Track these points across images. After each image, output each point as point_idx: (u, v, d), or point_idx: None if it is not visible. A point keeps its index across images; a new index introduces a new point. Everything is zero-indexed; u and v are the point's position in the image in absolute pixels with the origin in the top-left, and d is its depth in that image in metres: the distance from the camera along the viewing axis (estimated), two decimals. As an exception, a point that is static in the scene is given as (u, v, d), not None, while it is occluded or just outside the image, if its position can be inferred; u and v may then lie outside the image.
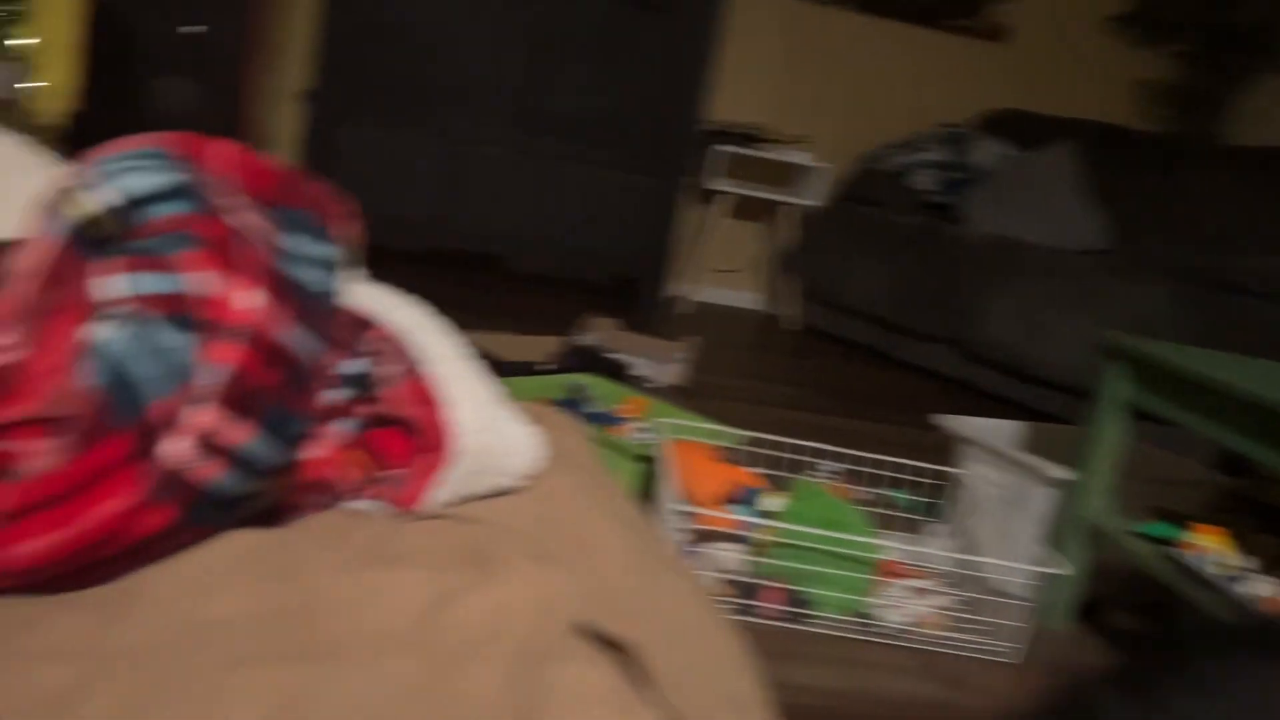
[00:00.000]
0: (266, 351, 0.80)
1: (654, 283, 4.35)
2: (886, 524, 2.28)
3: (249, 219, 0.85)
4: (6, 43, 3.82)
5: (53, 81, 3.72)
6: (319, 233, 0.92)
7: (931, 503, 2.45)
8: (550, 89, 4.14)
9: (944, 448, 2.95)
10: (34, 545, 0.72)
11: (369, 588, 0.82)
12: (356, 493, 0.98)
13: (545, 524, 0.98)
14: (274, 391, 0.80)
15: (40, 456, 0.74)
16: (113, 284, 0.79)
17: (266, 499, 0.87)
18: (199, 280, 0.79)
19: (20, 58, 3.90)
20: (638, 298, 4.35)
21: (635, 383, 3.08)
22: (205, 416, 0.76)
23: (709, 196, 4.79)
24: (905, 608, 1.94)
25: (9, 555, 0.72)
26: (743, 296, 5.08)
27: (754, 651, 1.56)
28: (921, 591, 1.99)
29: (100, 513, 0.73)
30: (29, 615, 0.73)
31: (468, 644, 0.78)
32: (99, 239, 0.79)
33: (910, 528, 2.35)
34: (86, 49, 3.86)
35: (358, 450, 0.98)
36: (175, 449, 0.76)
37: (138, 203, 0.80)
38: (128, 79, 3.80)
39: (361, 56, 3.98)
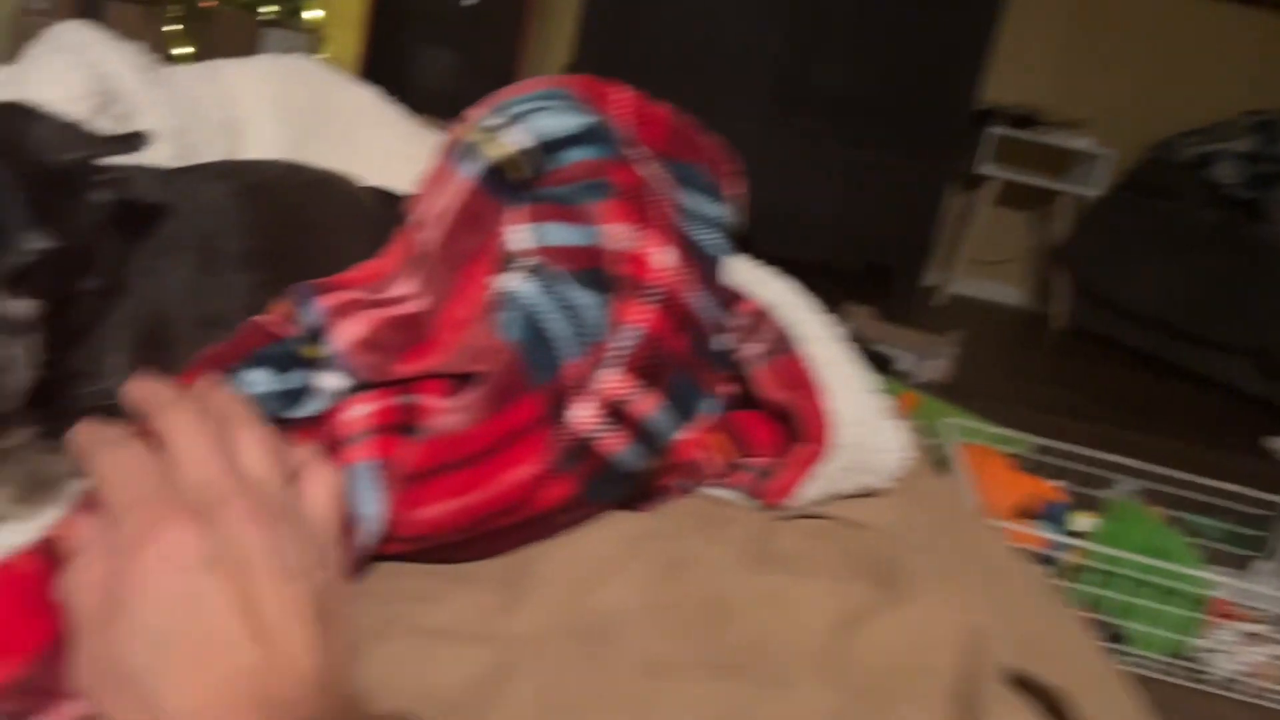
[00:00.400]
0: (677, 315, 0.71)
1: (911, 271, 4.13)
2: (1202, 556, 2.01)
3: (652, 170, 0.77)
4: (301, 15, 4.04)
5: (338, 54, 3.91)
6: (713, 191, 0.83)
7: (1249, 535, 2.16)
8: (813, 64, 3.98)
9: (1256, 473, 2.61)
10: (438, 509, 0.66)
11: (767, 593, 0.72)
12: (718, 478, 0.89)
13: (938, 535, 0.86)
14: (681, 360, 0.72)
15: (447, 414, 0.69)
16: (519, 233, 0.73)
17: (648, 477, 0.79)
18: (613, 233, 0.71)
19: (310, 30, 4.12)
20: (891, 287, 4.14)
21: (900, 377, 2.90)
22: (616, 382, 0.69)
23: (976, 182, 4.49)
24: (1238, 654, 1.69)
25: (410, 518, 0.67)
26: (1005, 290, 4.75)
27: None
28: (1255, 637, 1.74)
29: (509, 480, 0.66)
30: (424, 589, 0.68)
31: (891, 677, 0.67)
32: (512, 184, 0.73)
33: (1230, 562, 2.08)
34: (369, 21, 4.03)
35: (721, 433, 0.88)
36: (584, 416, 0.68)
37: (549, 146, 0.74)
38: (405, 50, 3.93)
39: (624, 28, 3.96)
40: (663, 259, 0.71)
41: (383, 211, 1.00)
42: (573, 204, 0.72)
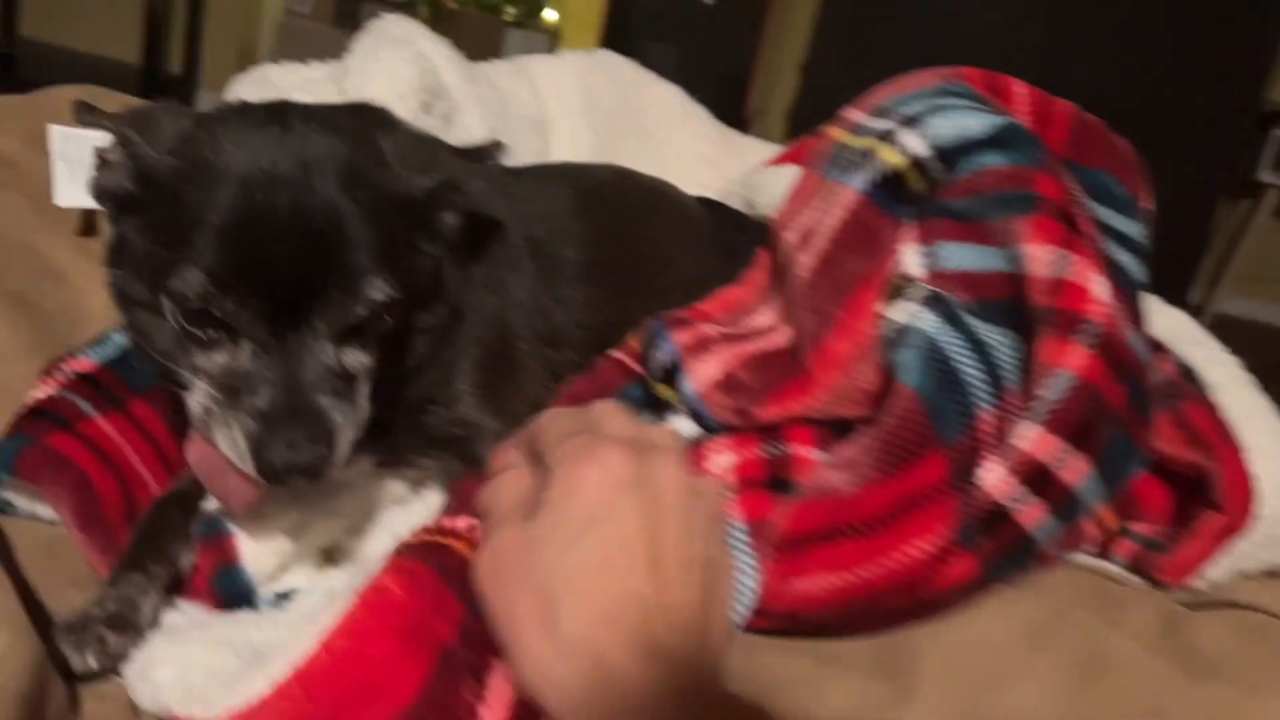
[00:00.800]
0: (1115, 359, 0.58)
1: (1175, 288, 3.74)
2: None
3: (1067, 180, 0.64)
4: (540, 16, 4.10)
5: (573, 52, 3.92)
6: (1128, 205, 0.69)
7: None
8: (1073, 62, 3.66)
9: None
10: (818, 583, 0.56)
11: (1214, 713, 0.58)
12: (1101, 546, 0.74)
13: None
14: (1118, 414, 0.59)
15: (827, 469, 0.58)
16: (911, 255, 0.61)
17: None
18: (1038, 257, 0.58)
19: (548, 30, 4.17)
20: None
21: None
22: (1039, 441, 0.56)
23: (1253, 190, 4.03)
24: None
25: (784, 591, 0.56)
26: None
27: None
28: None
29: (905, 554, 0.55)
30: (792, 671, 0.58)
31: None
32: (907, 196, 0.62)
33: None
34: (605, 21, 4.04)
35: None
36: (997, 480, 0.56)
37: (951, 151, 0.62)
38: (640, 49, 3.90)
39: (865, 25, 3.77)
40: (1101, 290, 0.58)
41: (712, 223, 0.92)
42: (982, 220, 0.60)
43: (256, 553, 0.59)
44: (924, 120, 0.62)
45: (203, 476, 0.55)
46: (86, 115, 0.58)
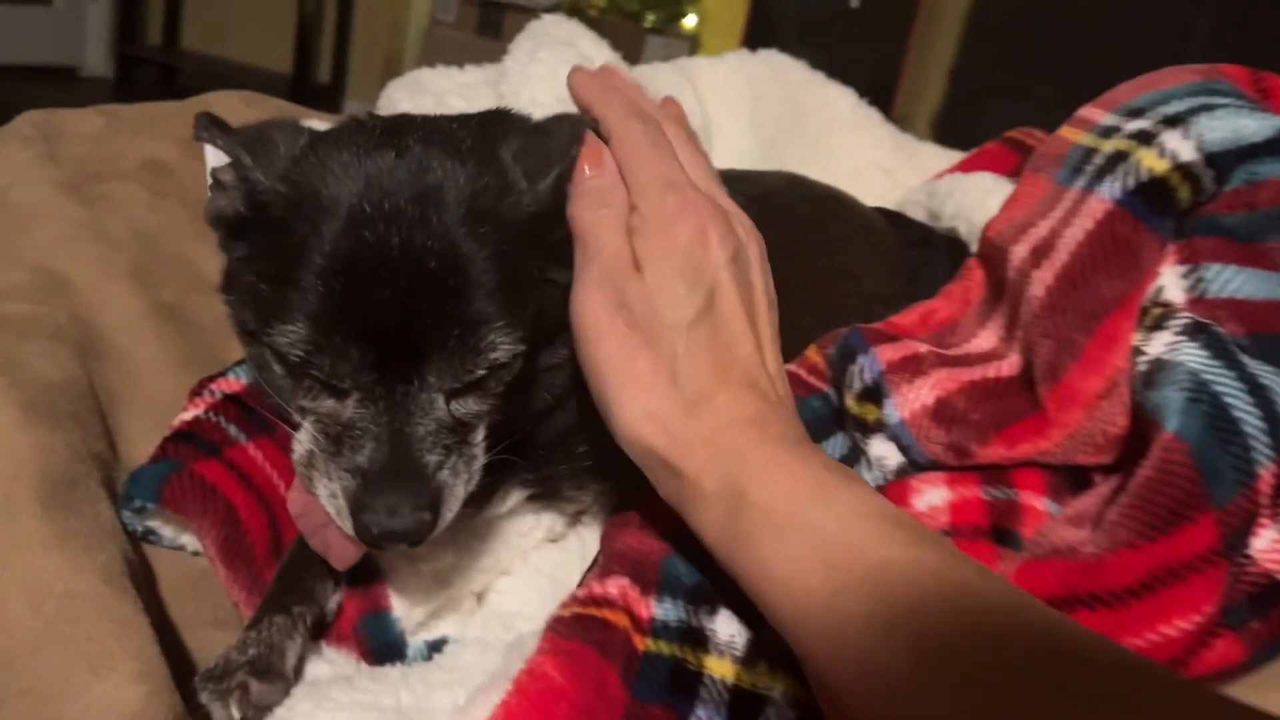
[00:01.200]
0: None
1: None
2: None
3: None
4: (681, 22, 4.05)
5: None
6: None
7: None
8: (1249, 61, 3.40)
9: None
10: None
11: None
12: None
13: None
14: None
15: (1064, 525, 0.50)
16: (1171, 276, 0.52)
17: None
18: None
19: (689, 36, 4.12)
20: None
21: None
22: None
23: None
24: None
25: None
26: None
27: None
28: None
29: (1157, 635, 0.46)
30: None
31: None
32: (1168, 208, 0.52)
33: None
34: (747, 27, 3.96)
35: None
36: (1273, 549, 0.46)
37: (1223, 157, 0.52)
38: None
39: (1018, 27, 3.59)
40: None
41: (893, 235, 0.84)
42: (1260, 240, 0.50)
43: (406, 601, 0.54)
44: (1190, 121, 0.53)
45: (303, 527, 0.51)
46: (204, 131, 0.53)
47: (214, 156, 0.83)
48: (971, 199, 0.81)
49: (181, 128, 0.91)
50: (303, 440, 0.49)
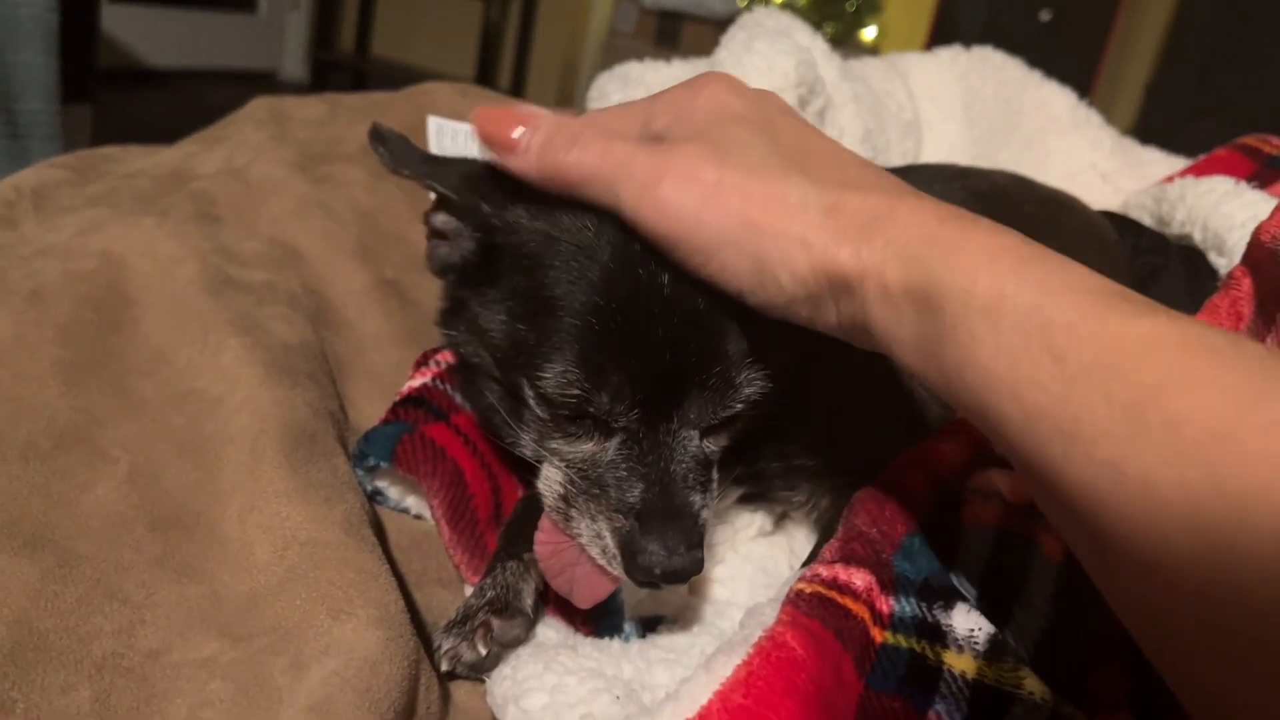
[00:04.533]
0: None
1: None
2: None
3: None
4: (859, 34, 3.99)
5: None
6: None
7: None
8: None
9: None
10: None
11: None
12: None
13: None
14: None
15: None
16: None
17: None
18: None
19: (867, 48, 4.05)
20: None
21: None
22: None
23: None
24: None
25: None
26: None
27: None
28: None
29: None
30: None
31: None
32: None
33: None
34: (930, 37, 3.87)
35: None
36: None
37: None
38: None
39: (1226, 46, 3.36)
40: None
41: (1121, 242, 0.79)
42: None
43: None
44: None
45: (549, 569, 0.51)
46: (379, 143, 0.52)
47: (437, 136, 0.86)
48: (1207, 204, 0.76)
49: (399, 115, 0.95)
50: (556, 479, 0.50)
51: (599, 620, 0.53)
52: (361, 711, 0.40)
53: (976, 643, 0.41)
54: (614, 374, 0.45)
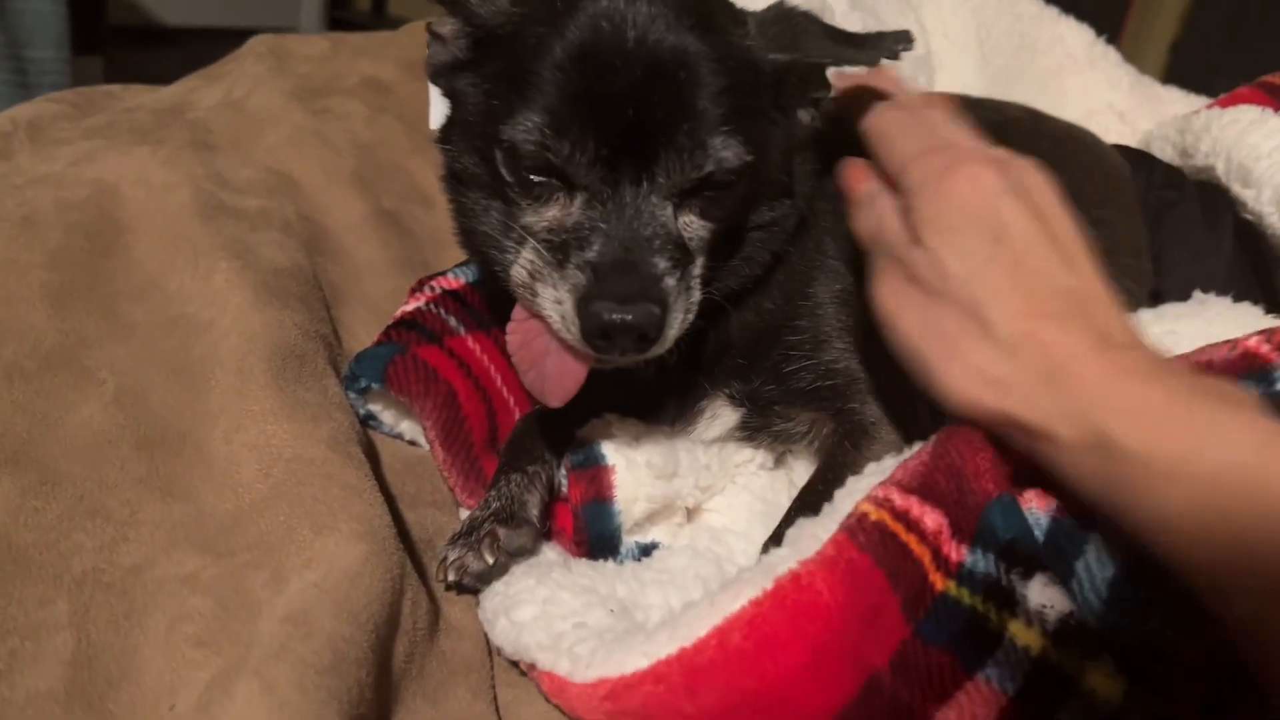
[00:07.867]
0: None
1: None
2: None
3: None
4: None
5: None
6: None
7: None
8: None
9: None
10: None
11: None
12: None
13: None
14: None
15: None
16: None
17: None
18: None
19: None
20: None
21: None
22: None
23: None
24: None
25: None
26: None
27: None
28: None
29: None
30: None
31: None
32: None
33: None
34: None
35: None
36: None
37: None
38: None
39: (1245, 5, 3.28)
40: None
41: (1135, 177, 0.77)
42: None
43: (628, 493, 0.53)
44: None
45: (521, 361, 0.49)
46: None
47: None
48: (1231, 134, 0.73)
49: (402, 51, 0.94)
50: (523, 263, 0.49)
51: (595, 539, 0.52)
52: (339, 622, 0.39)
53: (1047, 620, 0.39)
54: (574, 122, 0.46)
